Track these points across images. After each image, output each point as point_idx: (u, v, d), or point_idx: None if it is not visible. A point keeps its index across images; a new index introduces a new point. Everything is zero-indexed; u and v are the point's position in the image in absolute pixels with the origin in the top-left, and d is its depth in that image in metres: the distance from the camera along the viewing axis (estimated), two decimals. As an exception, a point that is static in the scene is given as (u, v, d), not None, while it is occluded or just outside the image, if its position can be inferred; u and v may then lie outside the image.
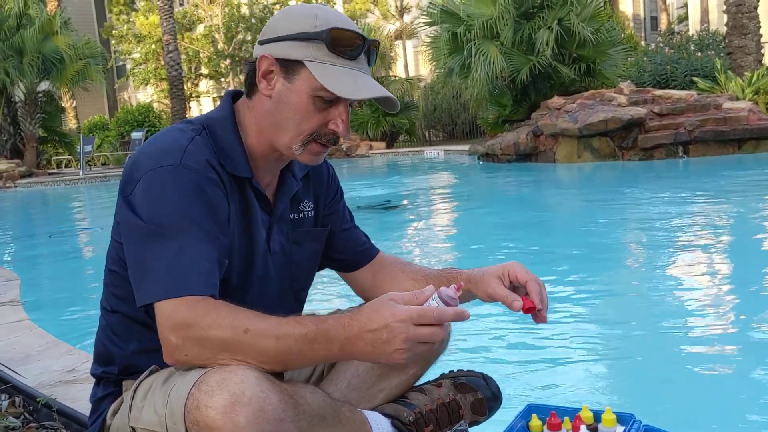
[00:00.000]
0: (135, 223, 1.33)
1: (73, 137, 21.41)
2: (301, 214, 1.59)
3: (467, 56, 13.82)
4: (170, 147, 1.36)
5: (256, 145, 1.46)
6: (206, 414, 1.20)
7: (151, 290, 1.29)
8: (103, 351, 1.52)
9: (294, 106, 1.38)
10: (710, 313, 3.41)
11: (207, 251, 1.32)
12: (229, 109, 1.47)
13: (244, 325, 1.24)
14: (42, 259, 6.80)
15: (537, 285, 1.50)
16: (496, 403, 1.69)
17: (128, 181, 1.37)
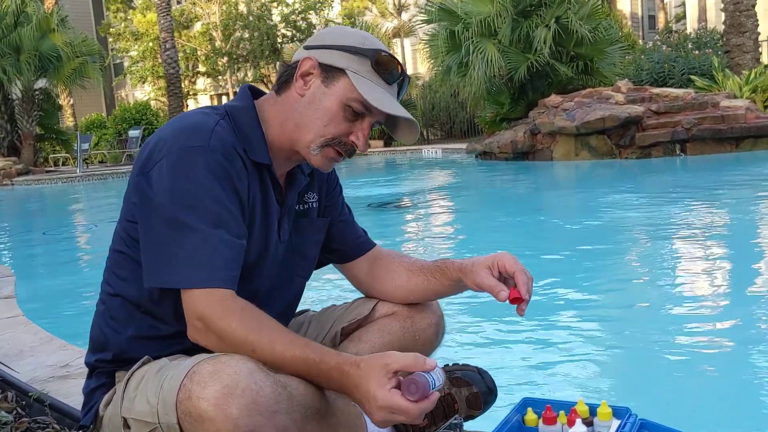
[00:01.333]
0: (157, 204, 1.33)
1: (70, 135, 21.35)
2: (306, 206, 1.62)
3: (465, 54, 13.81)
4: (197, 128, 1.37)
5: (276, 139, 1.48)
6: (198, 405, 1.19)
7: (173, 275, 1.31)
8: (99, 336, 1.51)
9: (324, 109, 1.43)
10: (706, 308, 3.41)
11: (232, 239, 1.33)
12: (249, 100, 1.50)
13: (253, 343, 1.28)
14: (38, 256, 6.79)
15: (525, 276, 1.50)
16: (492, 397, 1.69)
17: (149, 158, 1.37)
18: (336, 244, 1.72)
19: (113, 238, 1.49)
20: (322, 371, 1.29)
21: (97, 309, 1.54)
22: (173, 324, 1.42)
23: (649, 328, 3.17)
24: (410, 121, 1.49)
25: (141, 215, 1.37)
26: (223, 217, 1.32)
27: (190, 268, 1.29)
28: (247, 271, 1.42)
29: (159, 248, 1.32)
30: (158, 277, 1.33)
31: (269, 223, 1.49)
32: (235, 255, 1.34)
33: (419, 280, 1.68)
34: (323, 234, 1.68)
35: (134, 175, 1.40)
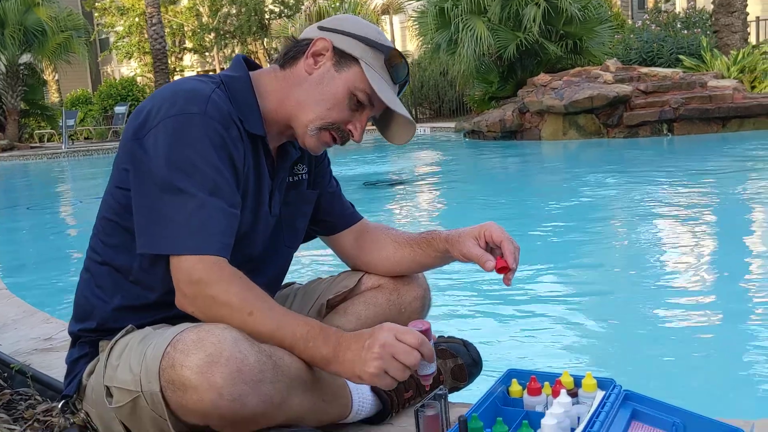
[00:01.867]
0: (152, 167, 1.31)
1: (55, 111, 21.15)
2: (296, 177, 1.61)
3: (454, 32, 13.74)
4: (194, 94, 1.34)
5: (273, 112, 1.47)
6: (182, 373, 1.19)
7: (168, 241, 1.29)
8: (84, 304, 1.49)
9: (331, 93, 1.43)
10: (690, 283, 3.44)
11: (227, 207, 1.32)
12: (245, 71, 1.48)
13: (250, 307, 1.27)
14: (21, 230, 6.74)
15: (511, 245, 1.50)
16: (477, 369, 1.69)
17: (144, 124, 1.34)
18: (323, 215, 1.71)
19: (101, 205, 1.47)
20: (323, 329, 1.30)
21: (81, 277, 1.52)
22: (161, 293, 1.40)
23: (633, 302, 3.20)
24: (408, 121, 1.50)
25: (134, 181, 1.34)
26: (219, 184, 1.31)
27: (186, 234, 1.28)
28: (237, 240, 1.40)
29: (153, 214, 1.31)
30: (152, 242, 1.31)
31: (261, 194, 1.48)
32: (230, 223, 1.32)
33: (405, 251, 1.67)
34: (311, 206, 1.67)
35: (127, 140, 1.37)
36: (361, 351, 1.26)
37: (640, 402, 1.41)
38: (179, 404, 1.21)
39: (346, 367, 1.27)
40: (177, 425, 1.26)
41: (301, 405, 1.32)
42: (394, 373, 1.24)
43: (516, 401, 1.42)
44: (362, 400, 1.52)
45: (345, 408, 1.48)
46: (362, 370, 1.25)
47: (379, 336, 1.25)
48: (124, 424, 1.36)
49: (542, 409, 1.36)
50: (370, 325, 1.37)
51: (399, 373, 1.24)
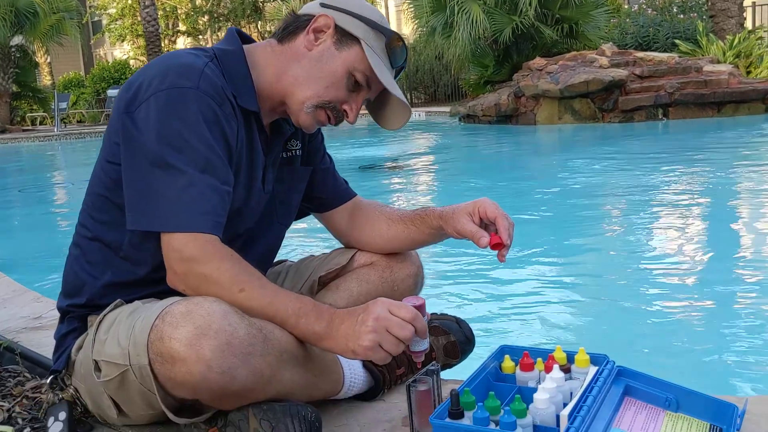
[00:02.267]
0: (143, 142, 1.28)
1: (47, 93, 20.99)
2: (290, 153, 1.59)
3: (450, 15, 13.67)
4: (187, 68, 1.32)
5: (268, 87, 1.44)
6: (170, 345, 1.17)
7: (159, 218, 1.27)
8: (73, 280, 1.47)
9: (330, 71, 1.41)
10: (685, 262, 3.45)
11: (218, 184, 1.30)
12: (238, 45, 1.45)
13: (241, 284, 1.26)
14: (13, 212, 6.71)
15: (506, 221, 1.49)
16: (469, 346, 1.68)
17: (135, 97, 1.32)
18: (316, 192, 1.69)
19: (91, 179, 1.45)
20: (315, 305, 1.29)
21: (71, 252, 1.50)
22: (151, 269, 1.38)
23: (627, 281, 3.21)
24: (403, 105, 1.48)
25: (125, 156, 1.32)
26: (211, 161, 1.29)
27: (177, 211, 1.26)
28: (230, 216, 1.38)
29: (144, 190, 1.28)
30: (143, 219, 1.29)
31: (254, 170, 1.46)
32: (222, 201, 1.30)
33: (399, 228, 1.66)
34: (305, 183, 1.65)
35: (118, 114, 1.34)
36: (355, 325, 1.25)
37: (633, 378, 1.40)
38: (168, 377, 1.20)
39: (339, 342, 1.26)
40: (166, 399, 1.25)
41: (292, 379, 1.31)
42: (388, 346, 1.23)
43: (508, 377, 1.41)
44: (354, 377, 1.51)
45: (336, 384, 1.47)
46: (356, 344, 1.24)
47: (373, 310, 1.24)
48: (113, 399, 1.34)
49: (535, 384, 1.36)
50: (363, 301, 1.36)
51: (393, 347, 1.23)
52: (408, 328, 1.22)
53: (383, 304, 1.25)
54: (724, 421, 1.30)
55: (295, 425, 1.23)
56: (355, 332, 1.24)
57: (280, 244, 1.68)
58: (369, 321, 1.23)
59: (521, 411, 1.20)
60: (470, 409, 1.23)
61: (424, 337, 1.27)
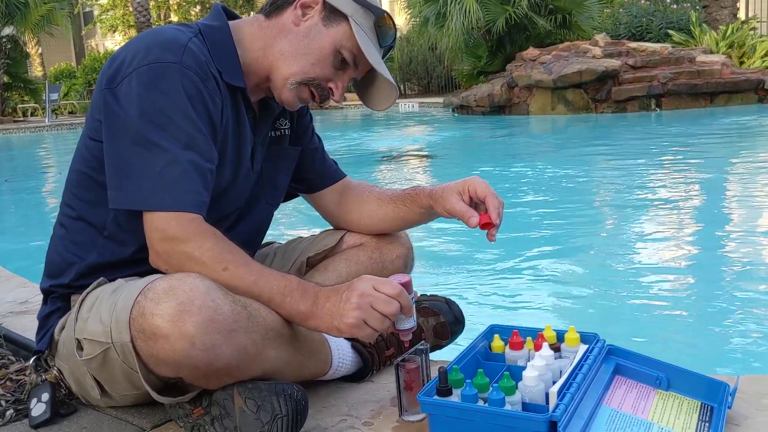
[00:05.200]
0: (125, 119, 1.26)
1: (38, 84, 20.82)
2: (278, 132, 1.57)
3: (443, 5, 13.62)
4: (170, 43, 1.29)
5: (254, 63, 1.41)
6: (152, 322, 1.15)
7: (141, 196, 1.25)
8: (58, 261, 1.44)
9: (317, 47, 1.38)
10: (677, 244, 3.47)
11: (202, 162, 1.27)
12: (224, 20, 1.42)
13: (225, 263, 1.24)
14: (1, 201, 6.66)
15: (496, 200, 1.47)
16: (459, 327, 1.67)
17: (117, 72, 1.29)
18: (305, 172, 1.67)
19: (74, 156, 1.42)
20: (300, 284, 1.28)
21: (55, 233, 1.47)
22: (136, 249, 1.36)
23: (618, 261, 3.22)
24: (390, 85, 1.45)
25: (106, 132, 1.29)
26: (194, 138, 1.26)
27: (159, 189, 1.23)
28: (216, 196, 1.36)
29: (125, 167, 1.26)
30: (124, 197, 1.26)
31: (242, 149, 1.43)
32: (205, 179, 1.28)
33: (389, 208, 1.64)
34: (294, 163, 1.63)
35: (100, 89, 1.31)
36: (339, 303, 1.23)
37: (623, 356, 1.39)
38: (150, 354, 1.18)
39: (325, 321, 1.25)
40: (149, 378, 1.23)
41: (278, 358, 1.28)
42: (373, 323, 1.21)
43: (498, 356, 1.39)
44: (342, 357, 1.49)
45: (324, 364, 1.45)
46: (341, 322, 1.22)
47: (357, 286, 1.23)
48: (96, 379, 1.32)
49: (524, 363, 1.34)
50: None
51: (378, 323, 1.21)
52: (393, 304, 1.21)
53: (367, 281, 1.23)
54: (716, 400, 1.29)
55: (281, 404, 1.21)
56: (339, 310, 1.22)
57: (268, 225, 1.65)
58: (353, 298, 1.21)
59: (510, 388, 1.18)
60: (459, 386, 1.21)
61: (410, 315, 1.25)
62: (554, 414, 1.11)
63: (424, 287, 1.68)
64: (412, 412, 1.34)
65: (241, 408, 1.23)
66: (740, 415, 1.30)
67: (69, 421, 1.42)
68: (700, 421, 1.25)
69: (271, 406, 1.21)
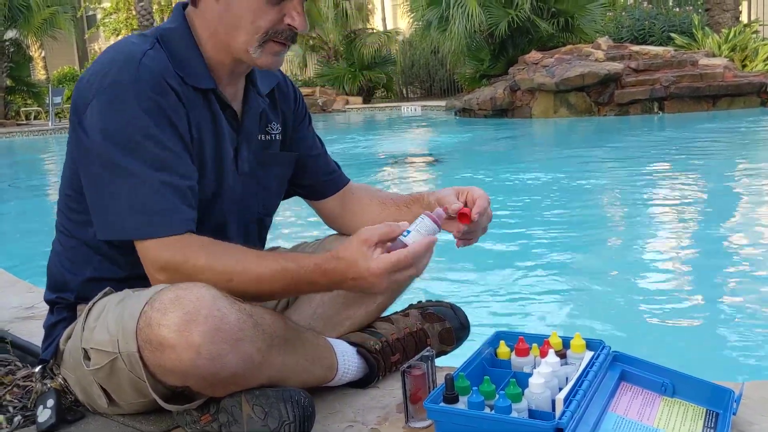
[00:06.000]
0: (92, 148, 1.25)
1: (42, 88, 20.87)
2: (268, 136, 1.53)
3: (445, 8, 13.65)
4: (124, 61, 1.26)
5: (213, 54, 1.37)
6: (159, 332, 1.15)
7: (123, 226, 1.24)
8: (58, 277, 1.45)
9: (245, 4, 1.30)
10: (681, 250, 3.47)
11: (177, 180, 1.25)
12: (182, 20, 1.38)
13: (228, 272, 1.24)
14: (3, 206, 6.68)
15: (485, 203, 1.45)
16: (464, 333, 1.67)
17: (80, 101, 1.28)
18: (308, 179, 1.65)
19: (62, 178, 1.42)
20: (303, 277, 1.26)
21: (53, 248, 1.48)
22: (132, 267, 1.34)
23: (623, 268, 3.21)
24: None
25: (79, 163, 1.29)
26: (163, 157, 1.24)
27: (141, 217, 1.23)
28: (205, 206, 1.35)
29: (104, 198, 1.25)
30: (110, 229, 1.26)
31: (223, 152, 1.40)
32: (184, 196, 1.26)
33: (391, 212, 1.62)
34: (289, 169, 1.59)
35: (71, 118, 1.31)
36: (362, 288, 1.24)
37: (629, 363, 1.39)
38: (157, 364, 1.18)
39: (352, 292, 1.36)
40: (156, 386, 1.23)
41: (284, 365, 1.29)
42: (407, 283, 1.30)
43: (504, 363, 1.39)
44: (348, 363, 1.49)
45: (330, 370, 1.45)
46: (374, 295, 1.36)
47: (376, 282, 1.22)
48: (103, 388, 1.32)
49: (530, 369, 1.34)
50: None
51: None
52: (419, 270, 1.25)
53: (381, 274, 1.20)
54: (721, 406, 1.29)
55: (288, 410, 1.22)
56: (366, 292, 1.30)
57: (266, 232, 1.63)
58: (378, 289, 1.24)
59: (516, 395, 1.18)
60: (465, 393, 1.21)
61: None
62: (561, 421, 1.11)
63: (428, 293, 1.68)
64: (419, 418, 1.34)
65: (249, 415, 1.23)
66: (745, 421, 1.30)
67: (76, 427, 1.43)
68: (706, 428, 1.25)
69: (279, 413, 1.22)
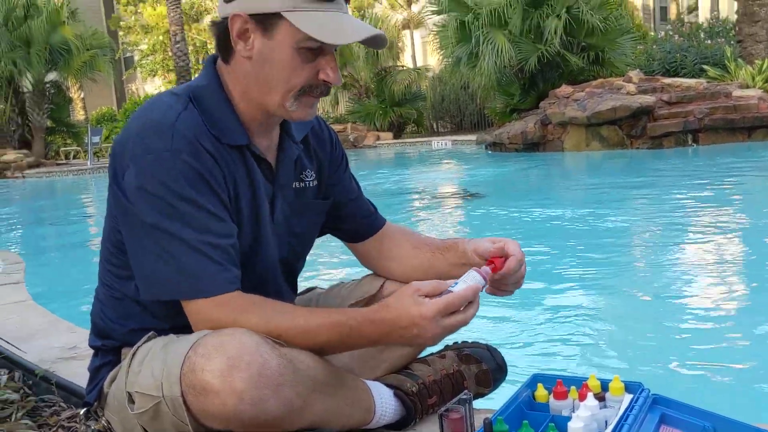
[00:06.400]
0: (133, 214, 1.29)
1: (81, 128, 21.39)
2: (303, 184, 1.54)
3: (475, 45, 13.77)
4: (159, 127, 1.28)
5: (246, 110, 1.39)
6: (203, 377, 1.18)
7: (172, 287, 1.28)
8: (101, 326, 1.49)
9: (280, 63, 1.31)
10: (719, 289, 3.39)
11: (219, 241, 1.29)
12: (213, 76, 1.40)
13: (276, 329, 1.27)
14: (46, 244, 6.84)
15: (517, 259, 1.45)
16: (501, 375, 1.66)
17: (117, 167, 1.31)
18: (345, 224, 1.67)
19: (104, 232, 1.45)
20: (353, 329, 1.28)
21: (97, 297, 1.51)
22: (175, 318, 1.36)
23: (662, 308, 3.16)
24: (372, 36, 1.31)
25: (123, 227, 1.33)
26: (204, 219, 1.27)
27: (189, 278, 1.26)
28: (244, 259, 1.38)
29: (149, 261, 1.29)
30: (157, 290, 1.30)
31: (259, 206, 1.42)
32: (228, 255, 1.30)
33: (426, 256, 1.62)
34: (323, 216, 1.61)
35: (110, 182, 1.34)
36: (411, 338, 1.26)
37: (668, 406, 1.38)
38: (201, 409, 1.20)
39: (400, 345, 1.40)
40: (198, 430, 1.25)
41: (324, 409, 1.30)
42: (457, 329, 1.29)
43: (542, 406, 1.39)
44: (385, 406, 1.50)
45: (368, 413, 1.46)
46: (422, 346, 1.38)
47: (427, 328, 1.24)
48: (146, 431, 1.35)
49: (569, 413, 1.34)
50: None
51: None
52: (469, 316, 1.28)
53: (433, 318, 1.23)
54: (765, 451, 1.27)
55: (327, 454, 1.23)
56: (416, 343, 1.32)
57: (297, 275, 1.65)
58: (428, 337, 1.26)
59: (556, 440, 1.18)
60: (503, 438, 1.22)
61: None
62: (601, 467, 1.11)
63: (464, 334, 1.69)
64: (457, 462, 1.34)
65: (289, 458, 1.25)
66: (791, 468, 1.27)
67: (119, 468, 1.45)
68: (750, 474, 1.23)
69: (318, 457, 1.23)
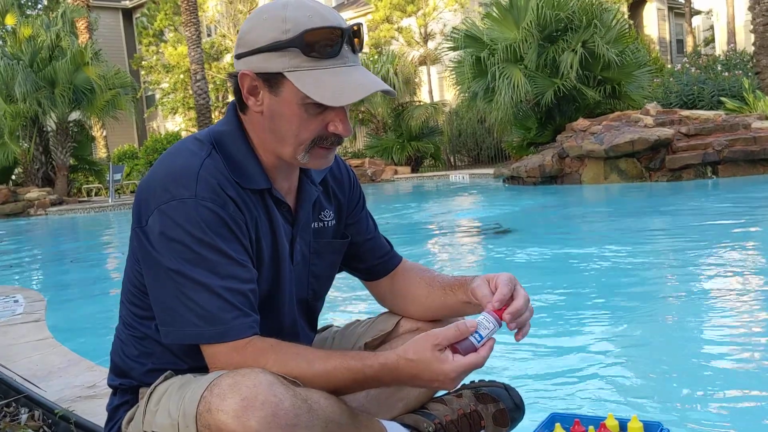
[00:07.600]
0: (156, 259, 1.31)
1: (103, 166, 21.74)
2: (321, 224, 1.57)
3: (491, 80, 13.87)
4: (183, 175, 1.32)
5: (266, 157, 1.42)
6: (218, 417, 1.18)
7: (192, 332, 1.30)
8: (120, 365, 1.51)
9: (288, 118, 1.34)
10: (739, 327, 3.33)
11: (240, 286, 1.31)
12: (235, 122, 1.43)
13: (296, 373, 1.28)
14: (67, 282, 6.89)
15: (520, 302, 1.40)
16: (519, 414, 1.65)
17: (142, 211, 1.34)
18: (361, 263, 1.69)
19: (125, 274, 1.48)
20: (368, 375, 1.30)
21: (117, 336, 1.54)
22: (194, 359, 1.39)
23: (680, 346, 3.11)
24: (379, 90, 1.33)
25: (145, 271, 1.36)
26: (226, 266, 1.30)
27: (208, 323, 1.29)
28: (263, 300, 1.40)
29: (171, 306, 1.31)
30: (177, 334, 1.32)
31: (279, 248, 1.44)
32: (248, 300, 1.32)
33: (438, 294, 1.62)
34: (341, 256, 1.63)
35: (133, 227, 1.37)
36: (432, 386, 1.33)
37: (689, 447, 1.36)
38: (216, 448, 1.21)
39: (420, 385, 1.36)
40: (214, 469, 1.25)
41: (339, 449, 1.30)
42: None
43: (560, 446, 1.38)
44: (400, 445, 1.49)
45: (383, 453, 1.45)
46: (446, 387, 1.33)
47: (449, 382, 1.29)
48: (164, 470, 1.35)
49: (587, 454, 1.32)
50: None
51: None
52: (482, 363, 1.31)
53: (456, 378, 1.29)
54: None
55: (342, 496, 1.22)
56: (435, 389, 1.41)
57: (318, 313, 1.67)
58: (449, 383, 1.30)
59: (573, 482, 1.17)
60: (521, 479, 1.20)
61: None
62: None
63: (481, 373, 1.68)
64: (474, 504, 1.32)
65: (305, 500, 1.24)
66: None
67: None
68: None
69: (334, 498, 1.22)
